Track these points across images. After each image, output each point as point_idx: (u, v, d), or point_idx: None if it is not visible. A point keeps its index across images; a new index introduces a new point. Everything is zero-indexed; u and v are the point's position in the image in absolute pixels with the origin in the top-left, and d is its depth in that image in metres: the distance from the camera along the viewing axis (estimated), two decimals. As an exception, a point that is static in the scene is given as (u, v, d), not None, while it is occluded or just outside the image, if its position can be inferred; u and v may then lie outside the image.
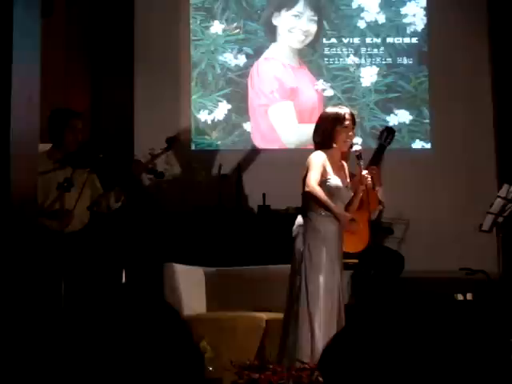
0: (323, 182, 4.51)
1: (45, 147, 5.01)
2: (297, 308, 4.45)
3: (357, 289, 5.52)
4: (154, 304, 1.33)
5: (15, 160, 2.52)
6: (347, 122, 4.56)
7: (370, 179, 4.59)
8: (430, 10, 7.43)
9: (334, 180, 4.54)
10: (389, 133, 6.20)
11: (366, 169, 4.72)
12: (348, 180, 4.66)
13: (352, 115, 4.62)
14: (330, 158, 4.58)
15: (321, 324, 4.39)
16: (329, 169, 4.55)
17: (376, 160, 5.95)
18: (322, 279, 4.43)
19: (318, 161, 4.50)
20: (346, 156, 4.75)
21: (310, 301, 4.41)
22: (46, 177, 4.88)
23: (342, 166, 4.68)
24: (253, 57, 7.39)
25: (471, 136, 7.22)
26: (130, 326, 1.28)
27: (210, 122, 7.33)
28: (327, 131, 4.59)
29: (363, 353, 1.23)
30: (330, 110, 4.73)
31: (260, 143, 7.32)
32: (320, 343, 4.34)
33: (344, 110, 4.62)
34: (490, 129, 7.26)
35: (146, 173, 5.20)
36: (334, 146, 4.57)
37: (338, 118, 4.58)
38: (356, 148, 4.63)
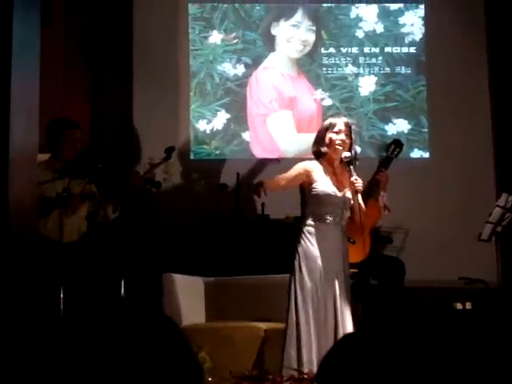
0: (309, 190, 4.58)
1: (43, 157, 5.01)
2: (286, 315, 4.48)
3: (357, 298, 5.51)
4: (153, 314, 1.32)
5: (14, 174, 2.52)
6: (338, 128, 4.62)
7: (359, 185, 4.59)
8: (428, 19, 7.44)
9: (322, 187, 4.57)
10: (396, 145, 6.21)
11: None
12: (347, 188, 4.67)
13: (346, 123, 4.67)
14: (324, 166, 4.63)
15: (311, 332, 4.39)
16: (317, 176, 4.59)
17: (381, 170, 5.95)
18: (311, 286, 4.45)
19: (297, 167, 4.67)
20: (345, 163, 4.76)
21: (298, 308, 4.44)
22: (44, 187, 4.87)
23: (340, 173, 4.69)
24: (251, 66, 7.39)
25: (470, 145, 7.23)
26: (128, 337, 1.28)
27: (208, 131, 7.33)
28: (320, 138, 4.68)
29: (363, 363, 1.22)
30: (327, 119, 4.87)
31: (259, 152, 7.32)
32: (306, 350, 4.35)
33: (337, 118, 4.73)
34: (488, 138, 7.26)
35: (144, 183, 5.19)
36: (323, 149, 4.62)
37: (329, 125, 4.67)
38: (345, 154, 4.65)
